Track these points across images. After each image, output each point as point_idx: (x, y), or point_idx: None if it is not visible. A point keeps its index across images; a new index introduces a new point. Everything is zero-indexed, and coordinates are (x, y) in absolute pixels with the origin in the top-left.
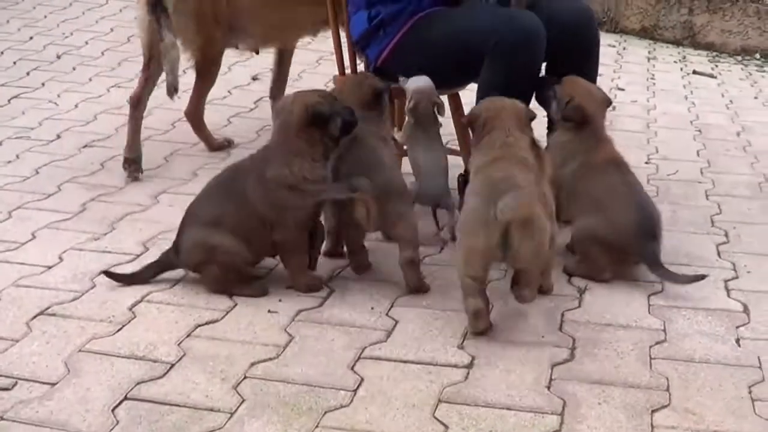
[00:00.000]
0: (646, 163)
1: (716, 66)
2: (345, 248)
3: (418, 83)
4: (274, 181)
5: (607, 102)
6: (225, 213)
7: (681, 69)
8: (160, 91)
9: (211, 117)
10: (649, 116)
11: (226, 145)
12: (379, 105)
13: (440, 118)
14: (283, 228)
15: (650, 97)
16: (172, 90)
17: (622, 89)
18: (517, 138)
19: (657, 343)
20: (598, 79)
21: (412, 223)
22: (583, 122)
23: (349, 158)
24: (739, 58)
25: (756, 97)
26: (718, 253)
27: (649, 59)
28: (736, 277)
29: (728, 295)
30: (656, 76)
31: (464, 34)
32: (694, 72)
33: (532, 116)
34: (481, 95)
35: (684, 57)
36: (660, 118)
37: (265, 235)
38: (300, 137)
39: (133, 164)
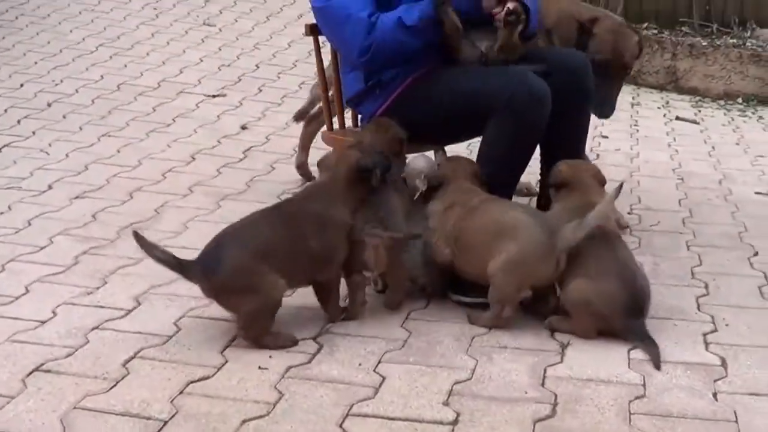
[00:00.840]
0: (629, 213)
1: (699, 111)
2: None
3: (413, 163)
4: (338, 223)
5: (600, 179)
6: (276, 246)
7: (664, 115)
8: (149, 141)
9: (201, 167)
10: (632, 164)
11: None
12: (401, 152)
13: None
14: (332, 268)
15: (633, 144)
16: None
17: (606, 137)
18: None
19: (636, 398)
20: None
21: (405, 271)
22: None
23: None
24: (722, 102)
25: (737, 143)
26: (698, 306)
27: (632, 105)
28: (715, 330)
29: (706, 349)
30: (639, 123)
31: (472, 91)
32: (677, 118)
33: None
34: (485, 151)
35: (667, 102)
36: (643, 167)
37: (306, 274)
38: (348, 188)
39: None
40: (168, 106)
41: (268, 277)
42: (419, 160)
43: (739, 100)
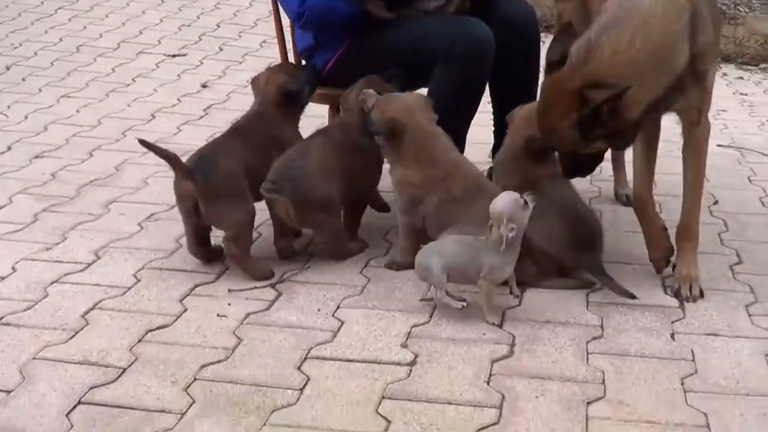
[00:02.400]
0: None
1: None
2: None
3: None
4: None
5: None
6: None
7: None
8: (109, 101)
9: (161, 125)
10: None
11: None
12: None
13: None
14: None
15: None
16: None
17: None
18: None
19: (594, 338)
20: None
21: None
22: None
23: None
24: None
25: None
26: None
27: None
28: (673, 274)
29: (665, 291)
30: None
31: (416, 40)
32: None
33: None
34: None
35: None
36: None
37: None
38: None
39: None
40: (128, 66)
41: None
42: (504, 199)
43: None
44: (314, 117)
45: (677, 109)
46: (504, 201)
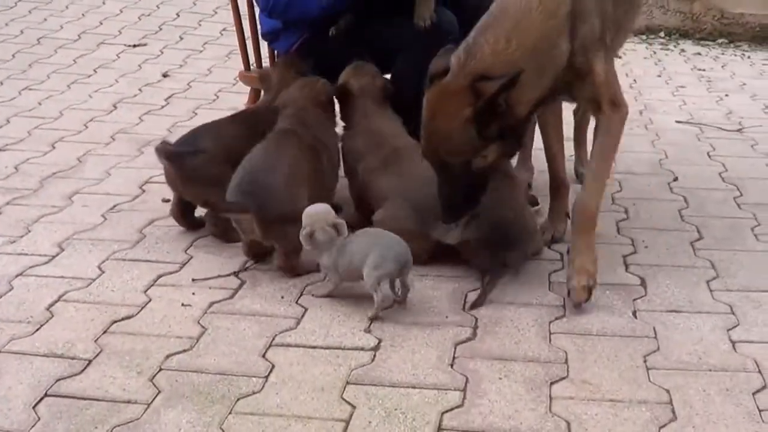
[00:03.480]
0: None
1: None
2: None
3: (312, 208)
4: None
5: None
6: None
7: None
8: (71, 92)
9: (123, 116)
10: None
11: None
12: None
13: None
14: None
15: None
16: None
17: None
18: None
19: (556, 318)
20: None
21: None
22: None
23: None
24: (644, 36)
25: (659, 76)
26: (618, 230)
27: None
28: (635, 252)
29: (626, 270)
30: None
31: (382, 26)
32: None
33: None
34: (396, 87)
35: None
36: None
37: None
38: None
39: None
40: (89, 57)
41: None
42: (318, 206)
43: (662, 34)
44: None
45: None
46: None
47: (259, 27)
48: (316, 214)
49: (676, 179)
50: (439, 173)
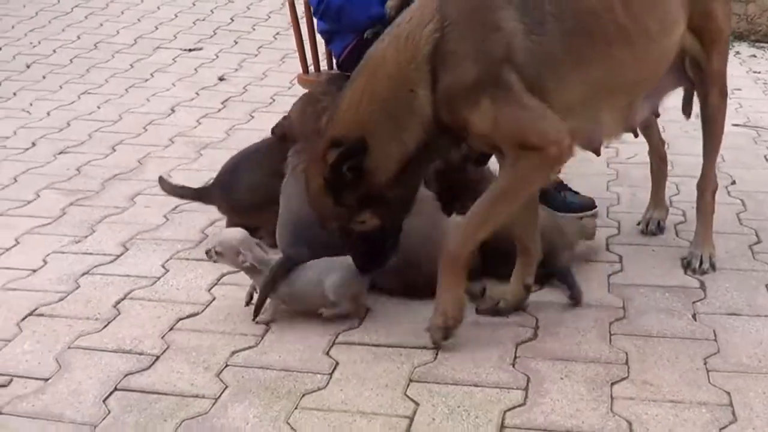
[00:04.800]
0: (606, 147)
1: None
2: None
3: (233, 234)
4: None
5: None
6: None
7: None
8: (129, 96)
9: (181, 119)
10: None
11: None
12: None
13: None
14: None
15: None
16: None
17: None
18: None
19: (616, 320)
20: None
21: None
22: None
23: None
24: None
25: None
26: (676, 233)
27: None
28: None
29: (685, 272)
30: None
31: None
32: None
33: None
34: None
35: None
36: None
37: None
38: None
39: None
40: (145, 61)
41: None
42: (232, 232)
43: None
44: None
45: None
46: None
47: (315, 25)
48: (243, 238)
49: (733, 182)
50: (338, 232)
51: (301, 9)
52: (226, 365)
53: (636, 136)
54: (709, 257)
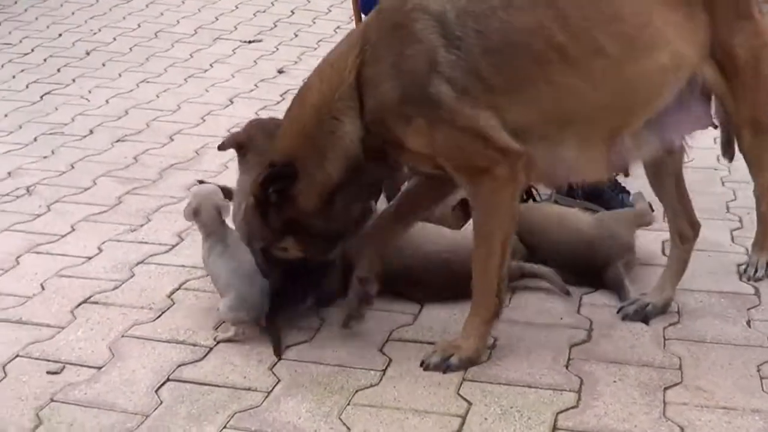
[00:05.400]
0: None
1: None
2: None
3: (200, 188)
4: None
5: None
6: None
7: None
8: (187, 86)
9: (239, 110)
10: None
11: None
12: None
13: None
14: None
15: None
16: None
17: None
18: None
19: (671, 324)
20: None
21: None
22: None
23: None
24: None
25: None
26: (732, 238)
27: None
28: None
29: (740, 279)
30: None
31: None
32: None
33: None
34: None
35: None
36: None
37: None
38: None
39: None
40: (205, 52)
41: None
42: (206, 186)
43: None
44: None
45: None
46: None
47: None
48: (203, 191)
49: None
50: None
51: None
52: (279, 359)
53: (627, 176)
54: (765, 265)
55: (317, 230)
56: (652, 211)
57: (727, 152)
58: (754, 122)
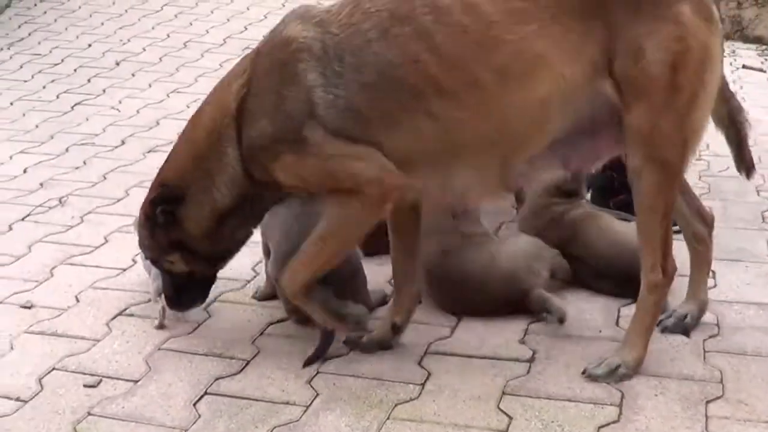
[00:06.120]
0: (698, 159)
1: (766, 59)
2: None
3: None
4: None
5: None
6: None
7: (730, 63)
8: None
9: None
10: None
11: None
12: None
13: None
14: None
15: None
16: None
17: None
18: None
19: (711, 336)
20: None
21: None
22: None
23: None
24: None
25: None
26: None
27: None
28: None
29: None
30: None
31: None
32: (744, 67)
33: None
34: None
35: (733, 51)
36: None
37: None
38: None
39: None
40: (234, 62)
41: None
42: None
43: None
44: None
45: None
46: None
47: None
48: None
49: None
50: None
51: None
52: (318, 372)
53: (518, 200)
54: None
55: (202, 251)
56: None
57: (742, 167)
58: (660, 162)
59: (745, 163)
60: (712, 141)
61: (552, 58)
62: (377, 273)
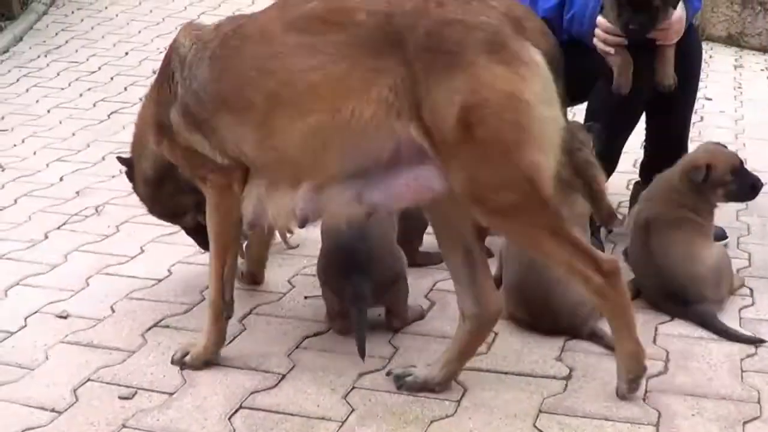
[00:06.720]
0: None
1: None
2: None
3: None
4: None
5: None
6: None
7: None
8: None
9: None
10: (737, 126)
11: None
12: None
13: None
14: None
15: (738, 106)
16: None
17: (710, 99)
18: None
19: (748, 356)
20: None
21: None
22: None
23: None
24: None
25: None
26: None
27: (735, 67)
28: None
29: None
30: (743, 85)
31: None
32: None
33: None
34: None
35: None
36: (748, 129)
37: None
38: None
39: None
40: None
41: None
42: None
43: None
44: None
45: None
46: None
47: None
48: None
49: None
50: None
51: None
52: (353, 387)
53: (300, 227)
54: None
55: (157, 210)
56: (726, 237)
57: (600, 219)
58: (481, 201)
59: (601, 217)
60: (750, 156)
61: (325, 91)
62: (413, 286)
